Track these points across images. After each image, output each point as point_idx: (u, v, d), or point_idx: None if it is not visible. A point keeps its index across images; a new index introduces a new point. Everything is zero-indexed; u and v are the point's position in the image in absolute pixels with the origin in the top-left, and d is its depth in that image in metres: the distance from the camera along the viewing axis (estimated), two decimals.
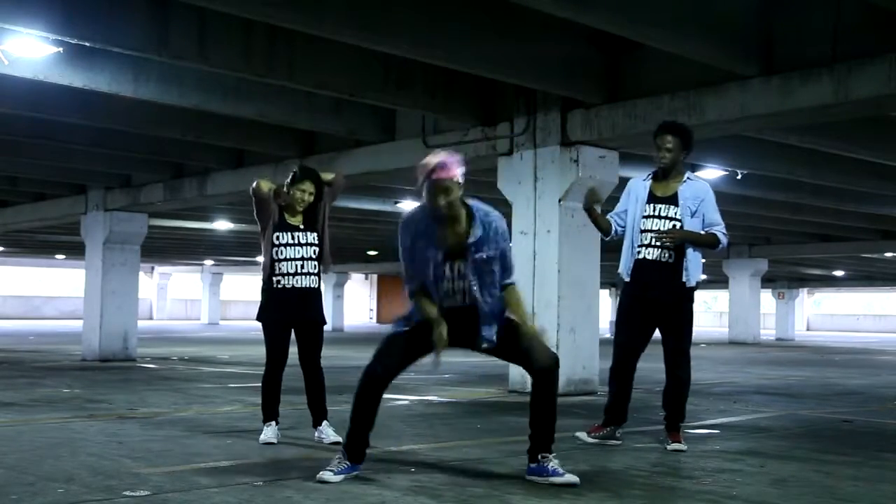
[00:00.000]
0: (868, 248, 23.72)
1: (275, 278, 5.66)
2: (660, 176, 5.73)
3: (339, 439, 5.22)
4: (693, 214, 5.61)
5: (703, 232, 5.64)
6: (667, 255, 5.60)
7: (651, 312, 5.69)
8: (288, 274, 5.66)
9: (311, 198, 5.72)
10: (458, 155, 4.43)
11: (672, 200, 5.64)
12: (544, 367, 4.51)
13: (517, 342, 4.54)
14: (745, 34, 7.59)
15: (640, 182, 5.79)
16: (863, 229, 21.01)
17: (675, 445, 5.63)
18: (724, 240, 5.69)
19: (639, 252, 5.66)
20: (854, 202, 16.06)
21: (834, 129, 9.88)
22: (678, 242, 5.56)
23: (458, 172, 4.34)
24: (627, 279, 5.73)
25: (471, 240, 4.42)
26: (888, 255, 25.71)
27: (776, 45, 7.66)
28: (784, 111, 7.79)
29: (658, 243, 5.59)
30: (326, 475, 4.38)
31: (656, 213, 5.64)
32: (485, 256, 4.44)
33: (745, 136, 10.52)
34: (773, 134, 9.98)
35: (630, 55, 8.57)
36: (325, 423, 5.78)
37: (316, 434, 5.79)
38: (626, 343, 5.78)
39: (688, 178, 5.75)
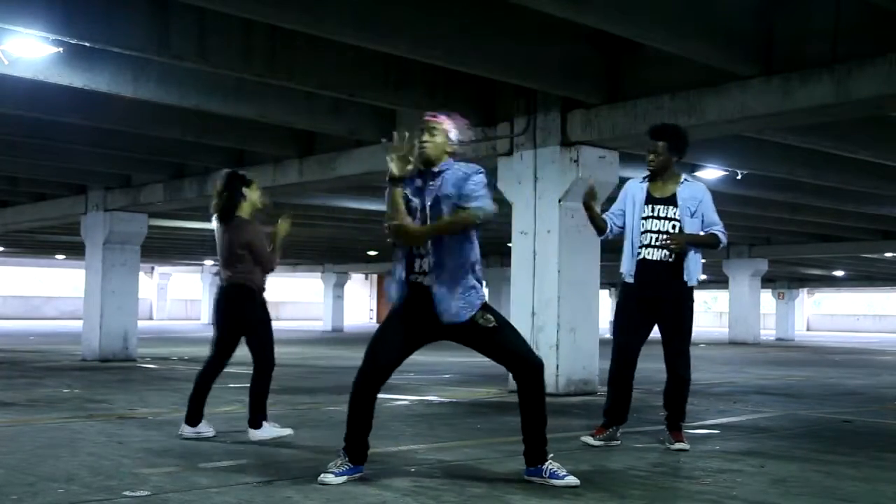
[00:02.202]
0: (868, 248, 23.71)
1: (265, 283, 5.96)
2: (657, 177, 5.75)
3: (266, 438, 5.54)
4: (692, 215, 5.65)
5: (702, 232, 5.67)
6: (669, 255, 5.62)
7: (652, 312, 5.70)
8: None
9: None
10: (464, 123, 4.55)
11: (671, 201, 5.67)
12: (528, 369, 4.50)
13: (501, 342, 4.51)
14: (745, 34, 7.59)
15: (636, 184, 5.81)
16: (863, 229, 21.00)
17: (679, 445, 5.65)
18: (724, 239, 5.72)
19: (639, 253, 5.67)
20: (854, 202, 16.06)
21: (834, 129, 9.88)
22: (683, 249, 5.57)
23: (448, 125, 4.47)
24: (630, 280, 5.74)
25: (426, 196, 4.42)
26: (888, 255, 25.69)
27: (776, 45, 7.65)
28: (784, 111, 7.78)
29: (659, 244, 5.61)
30: (328, 477, 4.37)
31: (655, 214, 5.66)
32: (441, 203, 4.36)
33: (745, 136, 10.52)
34: (773, 134, 9.98)
35: (630, 55, 8.57)
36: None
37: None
38: (628, 344, 5.78)
39: (685, 179, 5.78)
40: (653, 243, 5.63)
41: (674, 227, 5.61)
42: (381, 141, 4.85)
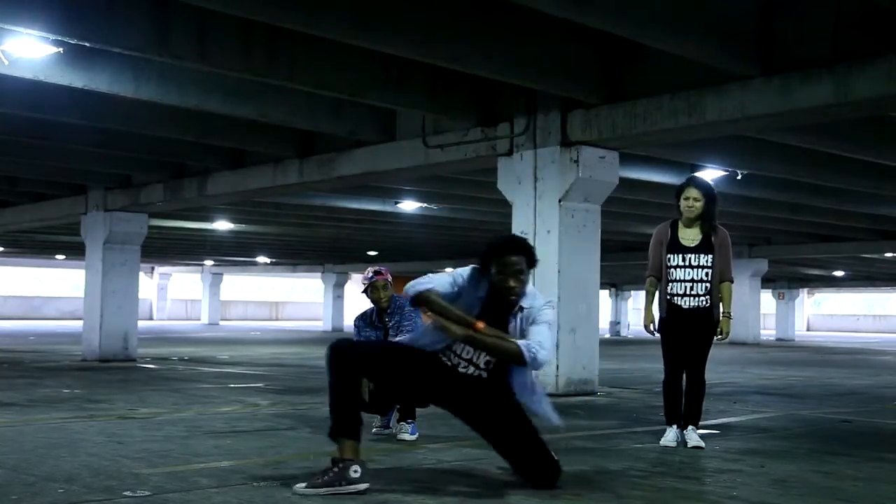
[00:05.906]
0: (868, 248, 23.71)
1: None
2: None
3: None
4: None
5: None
6: None
7: None
8: None
9: None
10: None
11: None
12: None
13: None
14: (745, 34, 7.59)
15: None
16: (863, 229, 21.00)
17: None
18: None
19: None
20: (854, 202, 16.05)
21: (834, 129, 9.87)
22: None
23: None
24: None
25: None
26: (888, 255, 25.69)
27: (776, 45, 7.65)
28: (784, 111, 7.78)
29: None
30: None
31: None
32: None
33: (745, 136, 10.52)
34: (773, 134, 9.98)
35: (630, 55, 8.57)
36: None
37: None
38: None
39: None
40: None
41: None
42: None
